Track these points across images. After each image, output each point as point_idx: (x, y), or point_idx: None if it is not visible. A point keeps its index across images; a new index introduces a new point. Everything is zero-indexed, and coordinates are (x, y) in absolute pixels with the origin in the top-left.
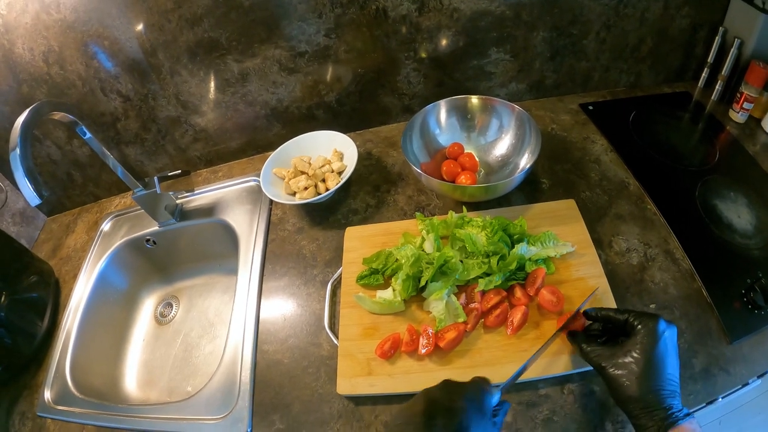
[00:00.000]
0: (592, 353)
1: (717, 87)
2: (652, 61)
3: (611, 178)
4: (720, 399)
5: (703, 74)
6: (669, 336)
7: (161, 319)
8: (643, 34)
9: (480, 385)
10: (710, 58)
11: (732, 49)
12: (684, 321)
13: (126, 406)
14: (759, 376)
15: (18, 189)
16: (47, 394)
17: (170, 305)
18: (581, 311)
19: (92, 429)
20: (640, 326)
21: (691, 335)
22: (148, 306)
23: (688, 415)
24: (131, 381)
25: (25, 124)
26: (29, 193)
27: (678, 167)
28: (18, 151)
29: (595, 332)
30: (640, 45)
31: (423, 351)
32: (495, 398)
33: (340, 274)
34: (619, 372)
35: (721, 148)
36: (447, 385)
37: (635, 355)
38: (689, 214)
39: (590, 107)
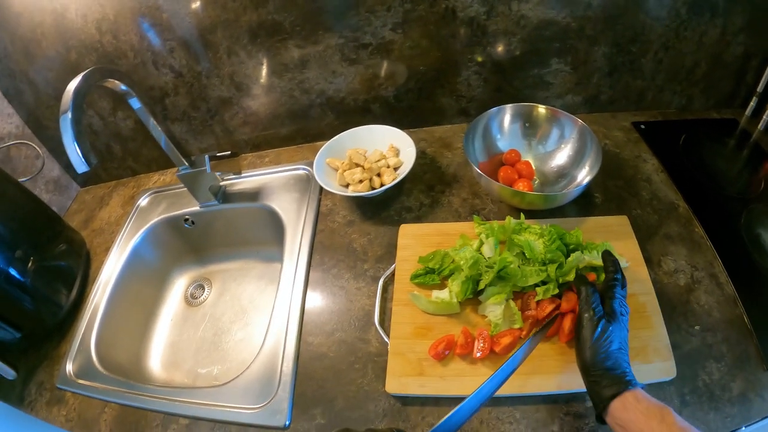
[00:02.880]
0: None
1: (764, 117)
2: (705, 86)
3: (661, 198)
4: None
5: (752, 103)
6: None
7: (192, 300)
8: (698, 58)
9: None
10: (759, 88)
11: None
12: (725, 345)
13: (154, 387)
14: None
15: (57, 158)
16: (69, 367)
17: (202, 287)
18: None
19: (116, 407)
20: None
21: (731, 359)
22: (179, 286)
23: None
24: (156, 360)
25: (78, 89)
26: (77, 160)
27: (724, 193)
28: (69, 115)
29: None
30: (694, 68)
31: (478, 354)
32: None
33: (393, 271)
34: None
35: (766, 177)
36: None
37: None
38: (734, 240)
39: (642, 126)
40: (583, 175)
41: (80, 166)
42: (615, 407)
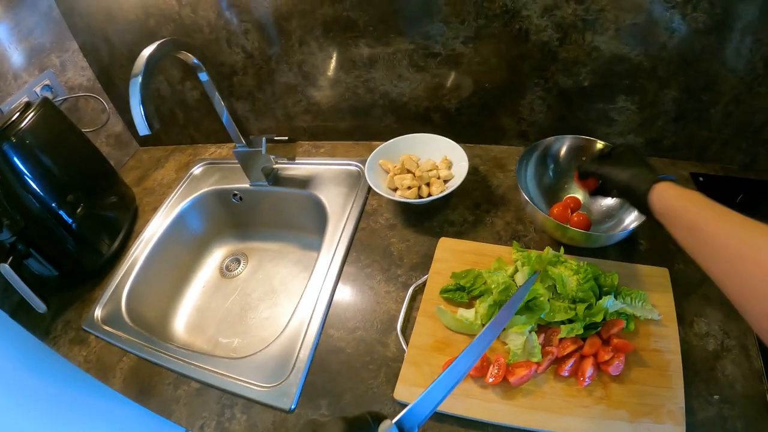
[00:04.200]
0: (595, 167)
1: None
2: None
3: None
4: None
5: None
6: None
7: (226, 272)
8: None
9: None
10: None
11: None
12: (741, 421)
13: (174, 347)
14: None
15: (122, 115)
16: (98, 312)
17: (238, 261)
18: None
19: (134, 358)
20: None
21: None
22: (216, 256)
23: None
24: (180, 323)
25: (152, 56)
26: (141, 122)
27: None
28: (140, 79)
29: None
30: (763, 127)
31: (490, 380)
32: None
33: (425, 282)
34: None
35: None
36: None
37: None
38: None
39: (701, 178)
40: (631, 220)
41: (143, 128)
42: (657, 193)
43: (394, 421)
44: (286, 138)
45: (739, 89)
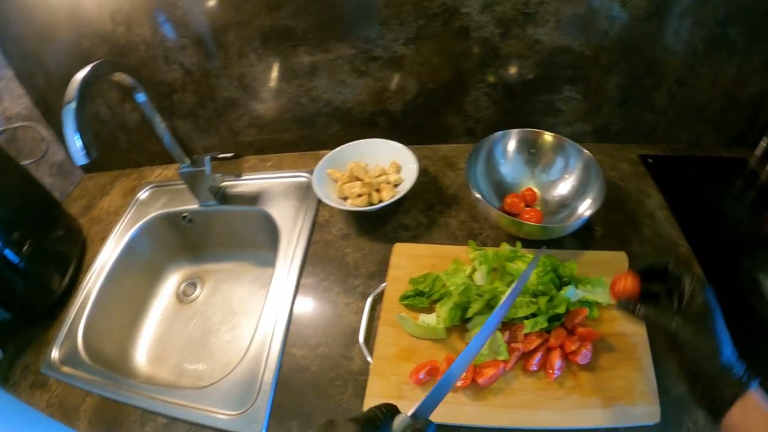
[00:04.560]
0: (654, 315)
1: None
2: (716, 124)
3: (663, 237)
4: None
5: (762, 143)
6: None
7: (183, 297)
8: (712, 96)
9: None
10: None
11: None
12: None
13: (137, 383)
14: None
15: (63, 142)
16: (55, 353)
17: (194, 285)
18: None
19: (96, 398)
20: (693, 283)
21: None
22: (171, 282)
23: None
24: (141, 354)
25: (85, 80)
26: (77, 151)
27: (727, 235)
28: (73, 105)
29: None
30: (707, 106)
31: (459, 383)
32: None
33: (383, 290)
34: (693, 332)
35: None
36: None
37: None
38: (733, 285)
39: (650, 160)
40: (585, 208)
41: (79, 158)
42: (735, 411)
43: (410, 413)
44: (231, 154)
45: (681, 71)
